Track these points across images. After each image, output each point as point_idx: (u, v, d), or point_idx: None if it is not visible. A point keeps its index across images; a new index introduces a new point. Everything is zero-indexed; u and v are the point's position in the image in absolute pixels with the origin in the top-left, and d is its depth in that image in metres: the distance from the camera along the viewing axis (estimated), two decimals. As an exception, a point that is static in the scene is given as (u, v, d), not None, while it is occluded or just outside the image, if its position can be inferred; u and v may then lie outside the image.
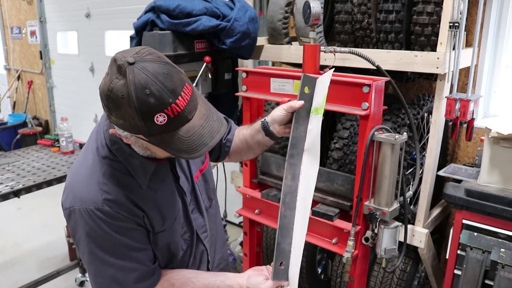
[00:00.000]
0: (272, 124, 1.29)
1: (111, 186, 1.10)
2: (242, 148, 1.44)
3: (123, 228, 1.11)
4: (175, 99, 0.93)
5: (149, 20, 2.18)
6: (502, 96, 2.24)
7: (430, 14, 1.79)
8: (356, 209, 1.57)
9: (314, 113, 1.22)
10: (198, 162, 1.36)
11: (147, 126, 0.94)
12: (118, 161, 1.12)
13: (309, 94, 1.23)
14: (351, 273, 1.65)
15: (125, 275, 1.14)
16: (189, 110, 0.97)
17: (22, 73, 6.51)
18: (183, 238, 1.27)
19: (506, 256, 1.63)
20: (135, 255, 1.14)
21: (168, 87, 0.93)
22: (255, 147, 1.40)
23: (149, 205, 1.15)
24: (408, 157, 1.98)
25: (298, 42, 2.26)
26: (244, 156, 1.49)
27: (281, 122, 1.26)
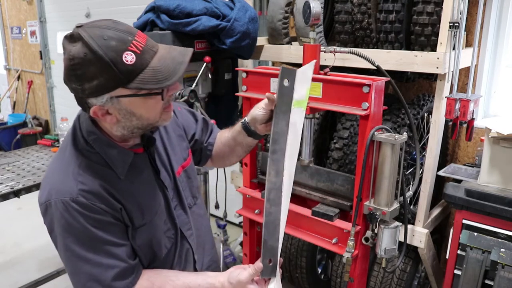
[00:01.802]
0: (253, 123, 1.26)
1: (87, 177, 1.08)
2: (225, 151, 1.43)
3: (100, 221, 1.08)
4: (133, 37, 0.98)
5: (149, 20, 2.18)
6: (502, 96, 2.24)
7: (430, 14, 1.79)
8: (356, 209, 1.57)
9: (296, 106, 1.19)
10: (180, 157, 1.33)
11: (120, 70, 0.95)
12: (95, 152, 1.10)
13: (289, 87, 1.19)
14: (351, 273, 1.65)
15: (103, 272, 1.10)
16: (151, 44, 1.01)
17: (22, 73, 6.51)
18: (166, 235, 1.24)
19: (506, 256, 1.63)
20: (113, 250, 1.11)
21: (122, 29, 0.98)
22: (238, 149, 1.39)
23: (127, 197, 1.13)
24: (408, 157, 1.98)
25: (298, 42, 2.26)
26: (227, 160, 1.47)
27: (262, 120, 1.24)
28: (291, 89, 1.19)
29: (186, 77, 2.25)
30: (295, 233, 1.78)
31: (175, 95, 1.03)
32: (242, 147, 1.37)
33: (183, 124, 1.40)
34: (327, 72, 1.64)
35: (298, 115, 1.19)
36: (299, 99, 1.19)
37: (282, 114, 1.18)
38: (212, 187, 2.68)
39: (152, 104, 1.05)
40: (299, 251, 2.48)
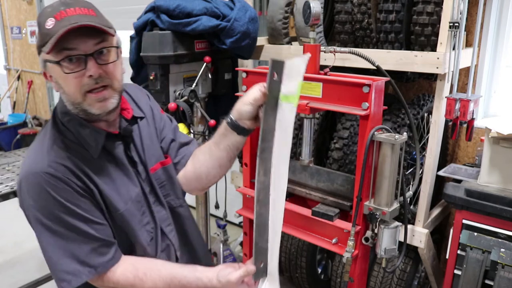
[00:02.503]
0: (241, 120, 1.17)
1: (60, 152, 1.09)
2: (205, 162, 1.29)
3: (72, 195, 1.08)
4: (67, 7, 1.03)
5: (149, 20, 2.18)
6: (502, 96, 2.24)
7: (430, 14, 1.79)
8: (356, 209, 1.57)
9: (284, 101, 1.11)
10: (158, 153, 1.32)
11: (41, 32, 1.03)
12: (70, 133, 1.13)
13: (277, 81, 1.11)
14: (351, 273, 1.65)
15: (77, 247, 1.09)
16: (76, 19, 1.01)
17: (22, 73, 6.51)
18: (146, 228, 1.23)
19: (506, 256, 1.63)
20: (88, 226, 1.10)
21: (68, 2, 1.04)
22: (223, 155, 1.24)
23: (102, 179, 1.13)
24: (408, 157, 1.97)
25: (298, 42, 2.26)
26: (210, 176, 1.32)
27: (250, 117, 1.15)
28: (279, 83, 1.11)
29: (186, 77, 2.25)
30: (295, 233, 1.78)
31: (97, 81, 1.05)
32: (228, 152, 1.23)
33: (160, 128, 1.38)
34: (327, 72, 1.63)
35: (287, 111, 1.10)
36: (287, 94, 1.11)
37: (271, 110, 1.10)
38: (212, 187, 2.67)
39: (67, 78, 1.05)
40: (299, 251, 2.48)
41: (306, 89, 1.61)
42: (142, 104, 1.35)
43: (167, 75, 2.14)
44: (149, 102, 1.39)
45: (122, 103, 1.23)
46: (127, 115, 1.25)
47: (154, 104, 1.41)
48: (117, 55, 1.11)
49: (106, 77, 1.08)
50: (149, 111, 1.36)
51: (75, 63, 1.04)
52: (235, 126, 1.17)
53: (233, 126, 1.17)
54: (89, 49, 1.04)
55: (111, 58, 1.09)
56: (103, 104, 1.10)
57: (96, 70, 1.05)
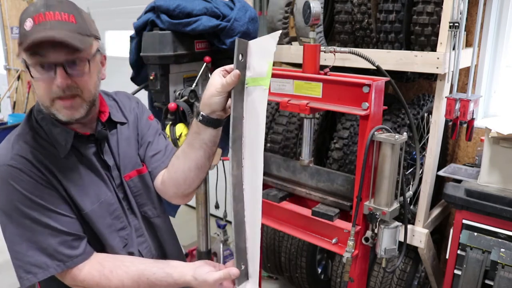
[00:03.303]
0: (213, 113, 1.09)
1: (24, 146, 1.09)
2: (180, 166, 1.21)
3: (35, 186, 1.06)
4: (47, 9, 1.01)
5: (149, 20, 2.18)
6: (502, 96, 2.24)
7: (430, 14, 1.79)
8: (356, 209, 1.57)
9: (251, 84, 1.02)
10: (135, 161, 1.29)
11: (20, 32, 1.01)
12: (42, 129, 1.13)
13: (243, 62, 1.03)
14: (351, 273, 1.65)
15: (45, 240, 1.07)
16: (53, 25, 1.00)
17: (22, 73, 6.51)
18: (119, 234, 1.21)
19: (506, 256, 1.63)
20: (55, 221, 1.08)
21: (49, 4, 1.02)
22: (200, 154, 1.16)
23: (68, 178, 1.12)
24: (408, 157, 1.97)
25: (298, 42, 2.26)
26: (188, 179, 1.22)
27: (222, 106, 1.08)
28: (244, 65, 1.04)
29: (186, 77, 2.25)
30: (295, 233, 1.78)
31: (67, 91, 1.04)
32: (205, 149, 1.15)
33: (142, 134, 1.35)
34: (327, 72, 1.63)
35: (256, 94, 1.01)
36: (255, 76, 1.02)
37: (238, 95, 1.02)
38: (212, 187, 2.68)
39: (37, 82, 1.05)
40: (299, 251, 2.48)
41: (306, 89, 1.61)
42: (127, 110, 1.34)
43: (167, 75, 2.14)
44: (136, 108, 1.38)
45: (101, 106, 1.24)
46: (103, 118, 1.24)
47: (141, 110, 1.39)
48: (89, 67, 1.08)
49: (75, 87, 1.06)
50: (133, 117, 1.34)
51: (45, 69, 1.03)
52: (209, 121, 1.09)
53: (207, 122, 1.09)
54: (60, 59, 1.02)
55: (83, 69, 1.07)
56: (70, 112, 1.08)
57: (64, 81, 1.03)
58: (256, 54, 1.03)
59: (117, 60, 4.45)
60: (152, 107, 2.37)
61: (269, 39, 1.02)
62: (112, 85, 1.52)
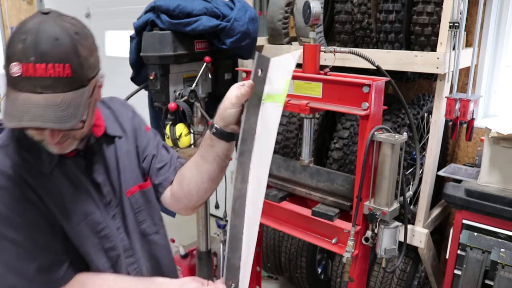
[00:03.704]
0: (227, 126, 1.07)
1: (5, 159, 1.01)
2: (193, 178, 1.18)
3: (14, 204, 0.99)
4: (36, 62, 0.86)
5: (149, 20, 2.18)
6: (502, 96, 2.24)
7: (430, 14, 1.79)
8: (356, 209, 1.57)
9: (267, 100, 1.02)
10: (136, 175, 1.22)
11: (5, 69, 0.89)
12: (28, 141, 1.02)
13: (262, 78, 1.03)
14: (351, 273, 1.65)
15: (23, 262, 0.99)
16: (43, 84, 0.87)
17: (22, 73, 6.51)
18: (108, 255, 1.13)
19: (506, 256, 1.63)
20: (33, 242, 1.00)
21: (42, 49, 0.86)
22: (213, 167, 1.14)
23: (49, 195, 1.03)
24: (408, 157, 1.98)
25: (298, 42, 2.26)
26: (201, 191, 1.20)
27: (236, 120, 1.06)
28: (263, 80, 1.03)
29: (186, 77, 2.25)
30: (295, 233, 1.78)
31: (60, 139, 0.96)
32: (219, 162, 1.14)
33: (143, 146, 1.28)
34: (327, 72, 1.64)
35: (271, 111, 1.01)
36: (272, 93, 1.02)
37: (253, 109, 1.02)
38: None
39: None
40: (299, 251, 2.48)
41: (306, 89, 1.61)
42: (124, 121, 1.25)
43: (167, 75, 2.14)
44: (133, 118, 1.29)
45: (96, 119, 1.13)
46: (97, 133, 1.14)
47: (138, 121, 1.30)
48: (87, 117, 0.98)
49: (67, 136, 0.99)
50: (131, 128, 1.26)
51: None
52: (223, 135, 1.08)
53: (220, 135, 1.08)
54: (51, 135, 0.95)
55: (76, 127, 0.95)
56: (60, 149, 1.01)
57: (53, 140, 0.95)
58: (275, 71, 1.03)
59: (117, 60, 4.46)
60: (152, 107, 2.37)
61: (290, 58, 1.02)
62: (112, 85, 1.52)
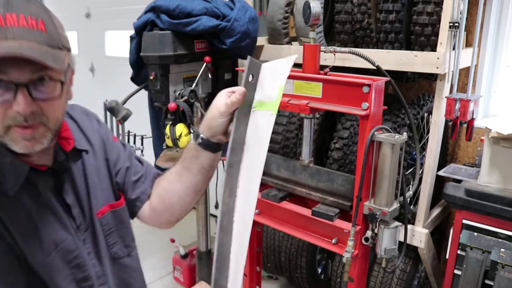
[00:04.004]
0: (214, 136, 1.00)
1: None
2: (176, 192, 1.11)
3: None
4: (7, 12, 0.78)
5: (149, 20, 2.18)
6: (502, 96, 2.24)
7: (430, 14, 1.79)
8: (356, 209, 1.57)
9: (259, 108, 0.96)
10: (107, 194, 1.09)
11: None
12: None
13: (253, 83, 0.97)
14: (351, 273, 1.65)
15: None
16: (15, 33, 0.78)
17: (22, 73, 6.51)
18: (81, 285, 1.00)
19: (506, 256, 1.63)
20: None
21: (13, 3, 0.79)
22: (198, 179, 1.07)
23: (15, 221, 0.89)
24: (408, 157, 1.98)
25: (298, 42, 2.26)
26: (185, 204, 1.13)
27: (224, 130, 0.98)
28: (254, 87, 0.97)
29: (186, 77, 2.25)
30: (295, 233, 1.78)
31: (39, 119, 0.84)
32: (204, 174, 1.06)
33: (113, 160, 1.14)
34: (327, 72, 1.64)
35: (262, 119, 0.94)
36: (264, 100, 0.96)
37: (243, 117, 0.95)
38: (212, 187, 2.67)
39: None
40: (299, 251, 2.48)
41: (306, 89, 1.61)
42: (90, 132, 1.10)
43: (167, 75, 2.14)
44: (100, 129, 1.14)
45: (63, 131, 1.00)
46: (67, 147, 1.00)
47: (105, 131, 1.16)
48: (61, 89, 0.87)
49: (40, 114, 0.84)
50: (98, 140, 1.11)
51: (2, 88, 0.80)
52: (209, 145, 1.01)
53: (206, 146, 1.01)
54: (23, 78, 0.80)
55: (53, 91, 0.85)
56: (29, 144, 0.86)
57: (27, 107, 0.81)
58: (268, 77, 0.97)
59: (117, 60, 4.47)
60: (152, 107, 2.37)
61: (284, 63, 0.96)
62: (112, 85, 1.52)
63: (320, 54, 1.63)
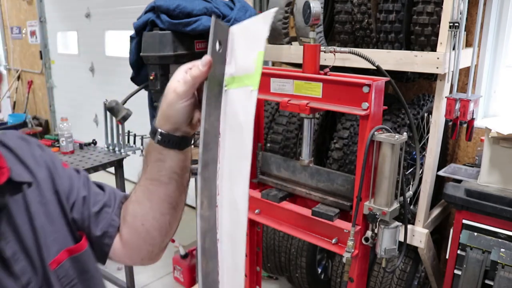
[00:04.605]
0: (178, 129, 0.77)
1: None
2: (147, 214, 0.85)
3: None
4: None
5: (149, 20, 2.18)
6: (502, 96, 2.24)
7: (430, 14, 1.79)
8: (356, 209, 1.57)
9: (232, 85, 0.73)
10: (59, 236, 0.82)
11: None
12: None
13: (221, 54, 0.74)
14: (351, 273, 1.65)
15: None
16: None
17: (22, 73, 6.52)
18: None
19: (506, 256, 1.63)
20: None
21: None
22: (171, 190, 0.83)
23: None
24: (408, 157, 1.98)
25: (298, 42, 2.26)
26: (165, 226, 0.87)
27: (188, 117, 0.76)
28: (222, 58, 0.74)
29: (186, 77, 2.25)
30: (295, 233, 1.78)
31: None
32: (177, 181, 0.82)
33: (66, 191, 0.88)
34: (327, 72, 1.64)
35: (240, 99, 0.71)
36: (238, 74, 0.73)
37: (214, 100, 0.72)
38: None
39: None
40: (299, 251, 2.48)
41: (306, 89, 1.61)
42: (31, 161, 0.85)
43: (167, 75, 2.14)
44: (43, 155, 0.89)
45: None
46: (0, 178, 0.77)
47: (51, 157, 0.90)
48: None
49: None
50: (43, 170, 0.86)
51: None
52: (172, 142, 0.78)
53: (169, 143, 0.78)
54: None
55: None
56: None
57: None
58: (240, 43, 0.74)
59: (117, 60, 4.48)
60: (152, 107, 2.37)
61: (260, 22, 0.72)
62: (112, 85, 1.52)
63: (320, 54, 1.63)
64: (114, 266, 3.00)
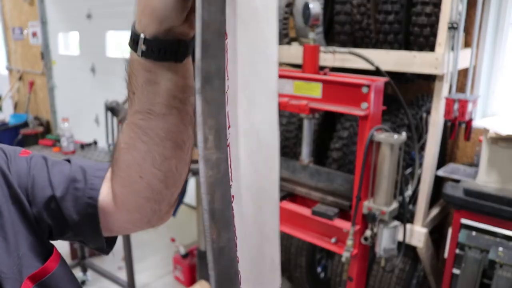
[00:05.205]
0: (169, 30, 0.54)
1: None
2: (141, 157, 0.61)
3: None
4: None
5: (150, 21, 2.19)
6: (501, 96, 2.25)
7: (428, 15, 1.80)
8: (355, 209, 1.58)
9: None
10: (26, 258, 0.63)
11: None
12: None
13: None
14: (350, 272, 1.66)
15: None
16: None
17: (23, 74, 6.53)
18: None
19: (504, 255, 1.64)
20: None
21: None
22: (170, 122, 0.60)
23: None
24: (407, 157, 1.99)
25: (298, 43, 2.27)
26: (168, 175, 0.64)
27: (182, 12, 0.52)
28: None
29: (186, 77, 2.26)
30: (295, 233, 1.79)
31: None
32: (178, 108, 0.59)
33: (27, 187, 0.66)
34: (326, 73, 1.65)
35: None
36: None
37: None
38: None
39: None
40: (299, 250, 2.49)
41: (306, 89, 1.62)
42: None
43: (167, 75, 2.15)
44: None
45: None
46: None
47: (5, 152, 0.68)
48: None
49: None
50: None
51: None
52: (165, 50, 0.55)
53: (161, 53, 0.55)
54: None
55: None
56: None
57: None
58: None
59: (118, 60, 4.47)
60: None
61: None
62: (113, 86, 1.53)
63: (319, 54, 1.65)
64: (114, 265, 3.01)
